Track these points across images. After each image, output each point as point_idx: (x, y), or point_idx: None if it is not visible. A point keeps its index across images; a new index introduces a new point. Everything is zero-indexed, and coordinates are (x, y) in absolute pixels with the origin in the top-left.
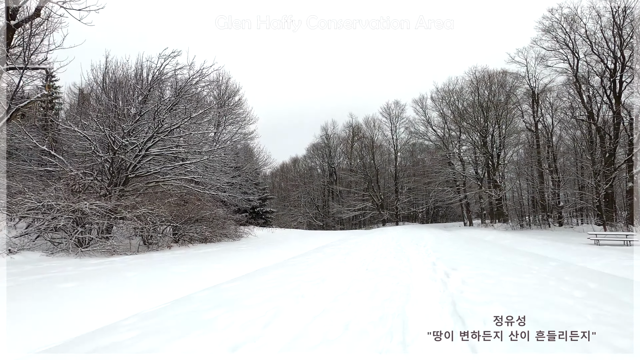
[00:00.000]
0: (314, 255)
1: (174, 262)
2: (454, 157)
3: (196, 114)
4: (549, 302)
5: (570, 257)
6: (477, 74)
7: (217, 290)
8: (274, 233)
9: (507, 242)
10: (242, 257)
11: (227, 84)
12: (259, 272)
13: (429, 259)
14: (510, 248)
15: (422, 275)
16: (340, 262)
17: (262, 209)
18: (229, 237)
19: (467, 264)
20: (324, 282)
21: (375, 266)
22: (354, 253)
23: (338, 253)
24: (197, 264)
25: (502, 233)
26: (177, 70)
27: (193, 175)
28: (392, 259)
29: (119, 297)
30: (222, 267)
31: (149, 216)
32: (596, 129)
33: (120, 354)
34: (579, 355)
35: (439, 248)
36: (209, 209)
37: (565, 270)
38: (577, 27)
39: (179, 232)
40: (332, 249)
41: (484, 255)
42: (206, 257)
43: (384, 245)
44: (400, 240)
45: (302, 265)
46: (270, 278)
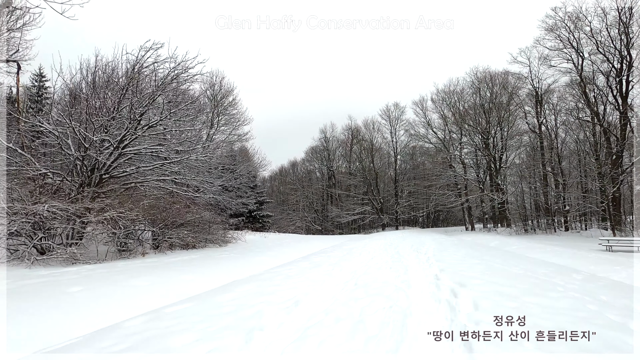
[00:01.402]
0: (298, 265)
1: (137, 273)
2: (455, 159)
3: (177, 109)
4: (608, 344)
5: (589, 267)
6: (478, 74)
7: (153, 317)
8: (266, 238)
9: (514, 248)
10: (218, 267)
11: (220, 84)
12: (225, 288)
13: (431, 271)
14: (521, 255)
15: (423, 294)
16: (326, 275)
17: (259, 213)
18: (215, 242)
19: (477, 278)
20: (296, 305)
21: (367, 280)
22: (345, 262)
23: (327, 262)
24: (165, 275)
25: (506, 238)
26: (156, 63)
27: (177, 176)
28: (388, 270)
29: (26, 327)
30: (190, 279)
31: (120, 220)
32: (602, 131)
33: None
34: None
35: (442, 256)
36: (195, 212)
37: (595, 286)
38: (581, 25)
39: (159, 238)
40: (321, 256)
41: (495, 265)
42: (179, 267)
43: (381, 253)
44: (399, 246)
45: (278, 279)
46: (232, 298)
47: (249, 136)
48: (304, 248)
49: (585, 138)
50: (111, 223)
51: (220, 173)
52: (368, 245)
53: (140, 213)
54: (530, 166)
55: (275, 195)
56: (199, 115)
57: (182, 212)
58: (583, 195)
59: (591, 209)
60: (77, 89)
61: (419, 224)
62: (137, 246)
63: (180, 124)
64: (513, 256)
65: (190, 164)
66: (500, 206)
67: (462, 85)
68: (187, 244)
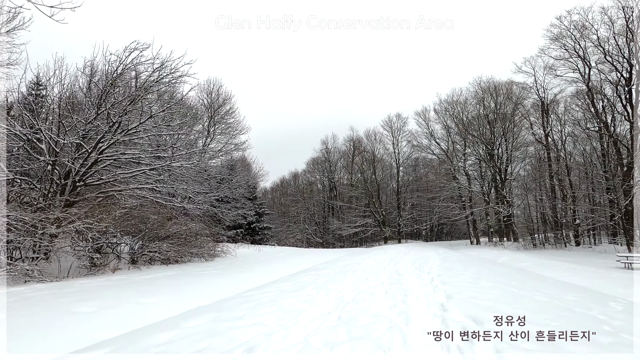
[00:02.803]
0: (279, 287)
1: (89, 295)
2: (458, 171)
3: (159, 112)
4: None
5: (617, 289)
6: (482, 84)
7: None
8: (260, 252)
9: (526, 264)
10: (190, 287)
11: (218, 92)
12: (172, 321)
13: (435, 297)
14: (537, 275)
15: (426, 337)
16: (306, 302)
17: (258, 225)
18: (200, 256)
19: (495, 309)
20: (248, 353)
21: (354, 311)
22: (334, 284)
23: (313, 283)
24: (122, 297)
25: (515, 253)
26: (139, 65)
27: (159, 185)
28: (383, 297)
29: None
30: (150, 303)
31: (88, 232)
32: (612, 142)
33: None
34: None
35: (448, 276)
36: (180, 223)
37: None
38: (588, 34)
39: (138, 252)
40: (310, 275)
41: (512, 289)
42: (144, 287)
43: (378, 271)
44: (400, 262)
45: (245, 308)
46: (168, 340)
47: (247, 145)
48: (296, 263)
49: (592, 150)
50: (76, 235)
51: (217, 183)
52: (365, 261)
53: (111, 224)
54: (536, 178)
55: (277, 207)
56: (186, 120)
57: (165, 223)
58: (592, 209)
59: (601, 223)
60: (49, 90)
61: (422, 237)
62: (111, 261)
63: (164, 129)
64: (529, 276)
65: (175, 172)
66: (506, 219)
67: (466, 95)
68: (168, 258)
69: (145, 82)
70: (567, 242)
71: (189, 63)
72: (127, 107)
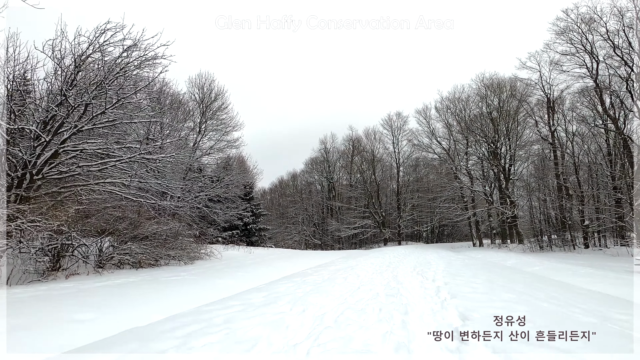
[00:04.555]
0: (245, 300)
1: (6, 311)
2: (460, 170)
3: (126, 97)
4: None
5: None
6: (485, 81)
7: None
8: (251, 254)
9: (538, 269)
10: (142, 300)
11: (210, 86)
12: (76, 354)
13: (445, 316)
14: (560, 283)
15: None
16: (270, 324)
17: (255, 226)
18: (179, 259)
19: (534, 340)
20: None
21: (331, 344)
22: (316, 296)
23: (291, 294)
24: (48, 313)
25: (522, 256)
26: (105, 45)
27: (133, 180)
28: (375, 316)
29: None
30: (81, 319)
31: (33, 231)
32: (622, 139)
33: None
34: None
35: (456, 285)
36: (162, 223)
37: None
38: (596, 26)
39: (106, 254)
40: (293, 282)
41: (540, 302)
42: (89, 298)
43: (373, 277)
44: (399, 266)
45: (180, 334)
46: None
47: (240, 142)
48: (284, 267)
49: (598, 148)
50: (20, 235)
51: (209, 181)
52: (361, 265)
53: (66, 223)
54: (543, 177)
55: (275, 208)
56: (161, 108)
57: (142, 222)
58: (603, 209)
59: (614, 224)
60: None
61: (422, 239)
62: (72, 264)
63: (135, 117)
64: (550, 284)
65: (150, 165)
66: (510, 220)
67: (468, 93)
68: (139, 261)
69: (113, 64)
70: (576, 244)
71: (165, 44)
72: (93, 92)
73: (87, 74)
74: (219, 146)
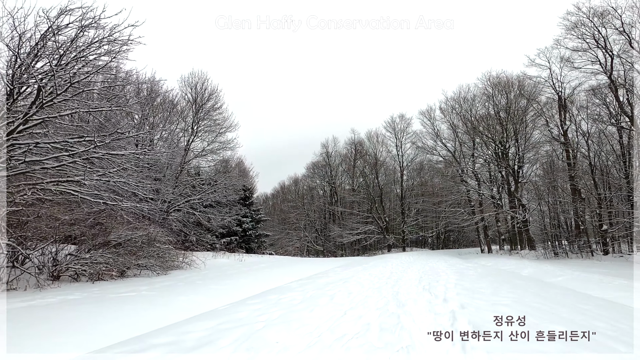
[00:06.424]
0: (181, 335)
1: None
2: (467, 173)
3: (82, 78)
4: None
5: None
6: (491, 79)
7: None
8: (242, 262)
9: (561, 279)
10: (55, 328)
11: (203, 86)
12: None
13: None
14: (600, 300)
15: None
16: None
17: (254, 232)
18: (151, 269)
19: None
20: None
21: None
22: (279, 328)
23: (249, 324)
24: None
25: (538, 264)
26: (61, 27)
27: (83, 178)
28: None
29: None
30: None
31: None
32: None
33: None
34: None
35: (477, 310)
36: (139, 228)
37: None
38: (611, 19)
39: (62, 264)
40: (261, 304)
41: (610, 343)
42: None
43: (369, 294)
44: (402, 279)
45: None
46: None
47: (235, 144)
48: (267, 279)
49: (611, 149)
50: None
51: (201, 185)
52: (356, 276)
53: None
54: (557, 178)
55: (277, 214)
56: (125, 96)
57: (112, 227)
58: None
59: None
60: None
61: (428, 245)
62: (13, 278)
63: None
64: (598, 304)
65: (114, 161)
66: (522, 225)
67: (474, 92)
68: (97, 272)
69: (69, 44)
70: (594, 250)
71: (133, 25)
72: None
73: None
74: (213, 147)
